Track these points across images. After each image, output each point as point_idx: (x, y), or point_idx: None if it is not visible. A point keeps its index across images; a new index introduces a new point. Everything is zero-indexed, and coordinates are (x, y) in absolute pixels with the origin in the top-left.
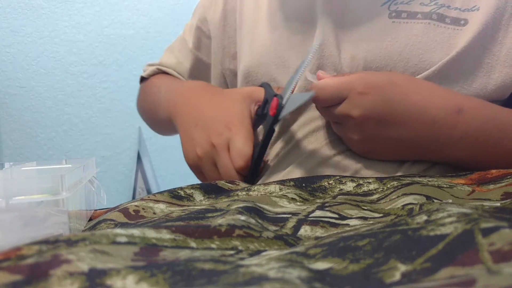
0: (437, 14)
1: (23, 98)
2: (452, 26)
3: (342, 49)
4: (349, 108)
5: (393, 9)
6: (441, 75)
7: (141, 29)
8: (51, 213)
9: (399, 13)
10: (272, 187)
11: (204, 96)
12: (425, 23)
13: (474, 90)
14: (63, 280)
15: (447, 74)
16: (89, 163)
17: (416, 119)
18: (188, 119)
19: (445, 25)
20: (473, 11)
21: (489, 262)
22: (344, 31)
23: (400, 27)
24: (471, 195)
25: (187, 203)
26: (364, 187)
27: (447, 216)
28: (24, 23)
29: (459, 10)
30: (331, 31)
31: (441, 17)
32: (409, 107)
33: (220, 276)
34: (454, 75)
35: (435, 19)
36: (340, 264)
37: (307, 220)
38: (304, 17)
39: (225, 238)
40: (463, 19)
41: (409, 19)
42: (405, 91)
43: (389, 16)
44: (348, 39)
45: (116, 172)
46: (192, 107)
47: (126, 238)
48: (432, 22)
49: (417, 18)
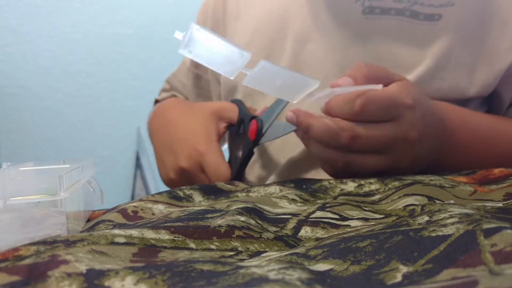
0: (410, 11)
1: (21, 97)
2: (426, 22)
3: (317, 49)
4: (406, 129)
5: (366, 5)
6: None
7: (140, 28)
8: (49, 213)
9: (373, 9)
10: (272, 188)
11: (174, 116)
12: (398, 20)
13: (455, 91)
14: (61, 281)
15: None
16: (87, 163)
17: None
18: (158, 143)
19: (418, 21)
20: (447, 6)
21: (491, 263)
22: (318, 30)
23: (373, 23)
24: (473, 196)
25: (186, 204)
26: (365, 188)
27: (449, 217)
28: (22, 22)
29: (433, 7)
30: (305, 32)
31: (414, 13)
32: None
33: (219, 277)
34: (436, 78)
35: (408, 15)
36: (341, 265)
37: (307, 221)
38: (277, 22)
39: (225, 239)
40: (436, 14)
41: (382, 14)
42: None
43: (362, 12)
44: (323, 39)
45: (115, 172)
46: (162, 129)
47: (125, 239)
48: (405, 19)
49: (391, 14)
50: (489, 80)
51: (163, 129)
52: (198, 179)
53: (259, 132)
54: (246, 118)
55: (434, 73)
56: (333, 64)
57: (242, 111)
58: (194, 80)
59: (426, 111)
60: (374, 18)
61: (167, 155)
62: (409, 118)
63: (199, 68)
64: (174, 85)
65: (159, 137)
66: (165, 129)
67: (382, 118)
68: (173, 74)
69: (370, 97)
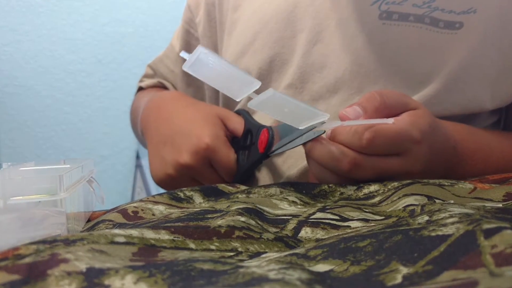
0: (430, 17)
1: (21, 97)
2: (446, 31)
3: (328, 51)
4: (411, 164)
5: (383, 9)
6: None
7: (140, 27)
8: (49, 213)
9: (390, 14)
10: (272, 189)
11: (176, 109)
12: (417, 27)
13: (474, 104)
14: (61, 279)
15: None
16: (87, 163)
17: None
18: (157, 135)
19: (438, 29)
20: (469, 13)
21: (492, 265)
22: (330, 31)
23: (390, 30)
24: (472, 193)
25: (186, 205)
26: (364, 189)
27: (448, 217)
28: (22, 21)
29: (454, 13)
30: (316, 31)
31: (434, 21)
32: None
33: (219, 276)
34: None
35: (428, 23)
36: (341, 266)
37: (307, 222)
38: (285, 17)
39: (225, 240)
40: (458, 22)
41: (401, 21)
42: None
43: (379, 17)
44: (335, 41)
45: (115, 172)
46: (161, 121)
47: (125, 238)
48: (425, 27)
49: (409, 20)
50: (510, 92)
51: (163, 122)
52: (204, 175)
53: (269, 142)
54: (254, 128)
55: (453, 86)
56: (344, 69)
57: (249, 121)
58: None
59: (435, 143)
60: (392, 24)
61: (168, 150)
62: (415, 153)
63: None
64: (159, 71)
65: (158, 129)
66: (165, 121)
67: (388, 152)
68: (159, 59)
69: (378, 132)
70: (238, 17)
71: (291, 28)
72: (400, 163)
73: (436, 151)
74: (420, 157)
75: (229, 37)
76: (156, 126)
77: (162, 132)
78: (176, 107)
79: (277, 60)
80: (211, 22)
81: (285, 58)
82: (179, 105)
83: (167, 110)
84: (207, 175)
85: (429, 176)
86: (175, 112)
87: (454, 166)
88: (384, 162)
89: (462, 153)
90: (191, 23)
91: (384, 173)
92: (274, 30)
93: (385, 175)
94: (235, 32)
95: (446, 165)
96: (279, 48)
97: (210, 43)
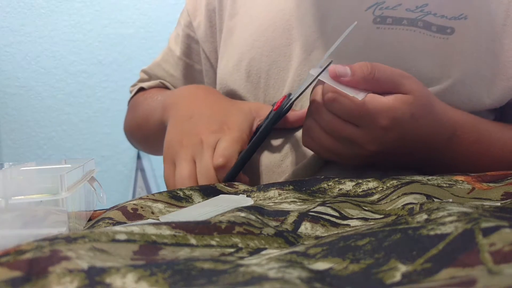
0: (423, 21)
1: (22, 97)
2: (439, 35)
3: (323, 55)
4: (367, 141)
5: (377, 14)
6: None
7: (140, 28)
8: (50, 212)
9: (384, 18)
10: (271, 192)
11: (207, 97)
12: (411, 30)
13: (470, 104)
14: (63, 277)
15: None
16: (89, 163)
17: (419, 150)
18: (182, 111)
19: (431, 33)
20: (460, 19)
21: (490, 263)
22: (326, 36)
23: (385, 34)
24: (471, 193)
25: (185, 205)
26: (363, 186)
27: (447, 215)
28: (23, 23)
29: (445, 18)
30: (312, 37)
31: (427, 24)
32: (417, 143)
33: (219, 275)
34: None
35: (421, 26)
36: (340, 264)
37: (308, 215)
38: (281, 25)
39: (225, 235)
40: (449, 27)
41: (395, 25)
42: (420, 126)
43: (373, 21)
44: (329, 45)
45: (116, 172)
46: (188, 102)
47: (126, 236)
48: (418, 30)
49: (403, 24)
50: (505, 94)
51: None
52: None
53: (284, 102)
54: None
55: (449, 87)
56: None
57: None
58: (184, 70)
59: (415, 133)
60: (386, 28)
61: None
62: (375, 134)
63: (191, 57)
64: (157, 75)
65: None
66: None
67: (346, 119)
68: (156, 64)
69: (339, 97)
70: (235, 25)
71: (286, 36)
72: (356, 133)
73: (412, 140)
74: (379, 140)
75: (225, 43)
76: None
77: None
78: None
79: (275, 68)
80: (212, 28)
81: (283, 66)
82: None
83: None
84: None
85: (392, 159)
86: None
87: (442, 156)
88: (340, 124)
89: (459, 142)
90: (191, 26)
91: (338, 134)
92: (270, 38)
93: (339, 138)
94: (231, 39)
95: (430, 153)
96: (276, 56)
97: (212, 48)
